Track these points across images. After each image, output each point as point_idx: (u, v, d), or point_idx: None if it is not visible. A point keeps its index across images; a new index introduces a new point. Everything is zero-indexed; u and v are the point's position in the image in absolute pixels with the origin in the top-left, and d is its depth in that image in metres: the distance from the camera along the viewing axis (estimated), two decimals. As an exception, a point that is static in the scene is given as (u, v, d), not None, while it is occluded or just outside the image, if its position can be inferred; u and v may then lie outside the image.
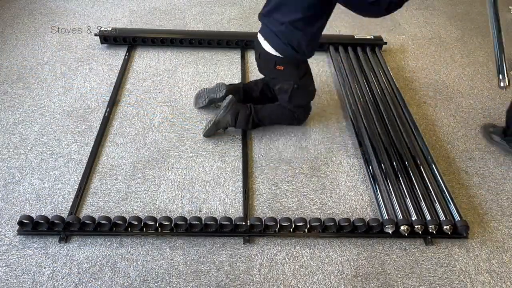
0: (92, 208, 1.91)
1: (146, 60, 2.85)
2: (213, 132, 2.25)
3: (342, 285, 1.69)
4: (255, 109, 2.23)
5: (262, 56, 2.08)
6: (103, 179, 2.04)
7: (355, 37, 3.02)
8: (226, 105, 2.20)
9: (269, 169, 2.15)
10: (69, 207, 1.89)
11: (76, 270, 1.67)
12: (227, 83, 2.40)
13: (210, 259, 1.74)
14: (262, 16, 2.01)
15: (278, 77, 2.12)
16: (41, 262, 1.69)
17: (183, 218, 1.77)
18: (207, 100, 2.39)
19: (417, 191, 1.97)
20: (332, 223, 1.80)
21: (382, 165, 2.08)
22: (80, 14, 3.32)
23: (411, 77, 2.88)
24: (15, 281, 1.63)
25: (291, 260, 1.76)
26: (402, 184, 2.00)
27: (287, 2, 1.85)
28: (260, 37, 2.04)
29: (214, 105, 2.45)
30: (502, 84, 1.92)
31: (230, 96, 2.23)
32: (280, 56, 1.99)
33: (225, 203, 1.97)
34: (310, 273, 1.72)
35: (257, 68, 2.23)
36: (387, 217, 1.84)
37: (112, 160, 2.14)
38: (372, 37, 3.04)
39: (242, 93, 2.38)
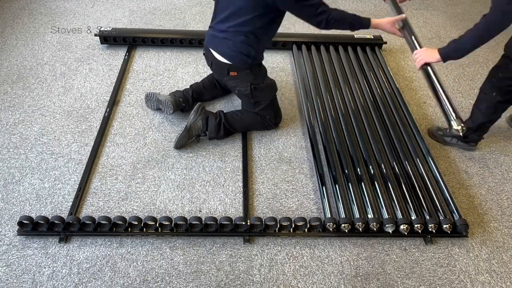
0: (92, 208, 1.91)
1: (146, 60, 2.85)
2: (185, 141, 2.18)
3: (342, 285, 1.69)
4: (225, 116, 2.22)
5: (214, 64, 2.10)
6: (103, 179, 2.04)
7: (355, 36, 3.02)
8: (195, 111, 2.17)
9: (269, 169, 2.15)
10: (69, 207, 1.89)
11: (76, 270, 1.67)
12: (175, 95, 2.37)
13: (210, 259, 1.74)
14: (211, 27, 2.04)
15: (234, 83, 2.12)
16: (41, 262, 1.69)
17: (183, 218, 1.77)
18: (155, 107, 2.40)
19: (417, 191, 1.97)
20: (331, 223, 1.80)
21: (382, 164, 2.08)
22: (80, 14, 3.32)
23: (411, 77, 2.88)
24: (15, 281, 1.63)
25: (291, 260, 1.76)
26: (402, 184, 2.00)
27: (238, 13, 1.86)
28: (210, 46, 2.05)
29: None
30: (456, 127, 1.75)
31: (198, 102, 2.22)
32: (230, 63, 2.00)
33: (225, 203, 1.97)
34: (310, 273, 1.72)
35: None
36: (387, 216, 1.84)
37: (112, 160, 2.14)
38: (372, 37, 3.04)
39: (191, 102, 2.38)
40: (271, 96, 2.21)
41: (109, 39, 2.91)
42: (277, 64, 2.89)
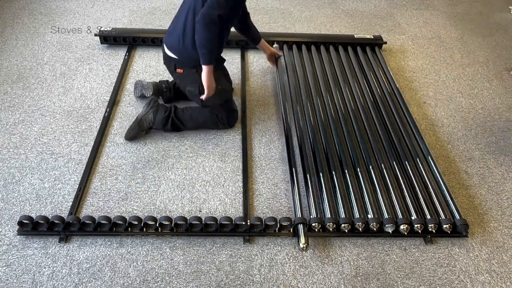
0: (92, 208, 1.91)
1: (146, 60, 2.86)
2: (135, 133, 2.20)
3: (342, 285, 1.69)
4: (175, 110, 2.22)
5: (164, 60, 2.13)
6: (103, 179, 2.04)
7: (355, 36, 3.02)
8: (147, 103, 2.21)
9: (269, 169, 2.15)
10: (69, 207, 1.89)
11: (76, 270, 1.67)
12: (160, 81, 2.47)
13: (210, 259, 1.74)
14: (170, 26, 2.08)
15: (182, 81, 2.14)
16: (41, 262, 1.69)
17: (183, 218, 1.77)
18: (139, 94, 2.44)
19: (417, 191, 1.97)
20: (331, 223, 1.80)
21: (382, 164, 2.08)
22: (80, 14, 3.32)
23: (411, 77, 2.88)
24: (15, 281, 1.63)
25: (291, 260, 1.76)
26: (402, 184, 2.00)
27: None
28: (164, 42, 2.09)
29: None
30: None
31: (152, 96, 2.27)
32: (177, 57, 2.02)
33: (225, 203, 1.97)
34: (310, 273, 1.72)
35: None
36: (387, 216, 1.84)
37: (112, 160, 2.14)
38: (372, 37, 3.04)
39: (172, 91, 2.41)
40: (221, 100, 2.19)
41: (109, 39, 2.91)
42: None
